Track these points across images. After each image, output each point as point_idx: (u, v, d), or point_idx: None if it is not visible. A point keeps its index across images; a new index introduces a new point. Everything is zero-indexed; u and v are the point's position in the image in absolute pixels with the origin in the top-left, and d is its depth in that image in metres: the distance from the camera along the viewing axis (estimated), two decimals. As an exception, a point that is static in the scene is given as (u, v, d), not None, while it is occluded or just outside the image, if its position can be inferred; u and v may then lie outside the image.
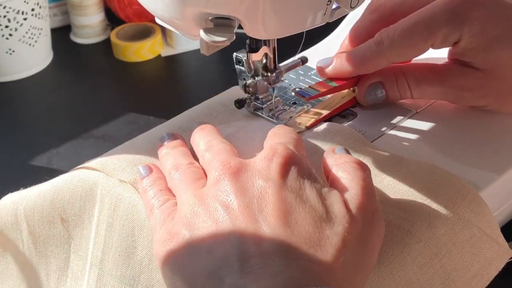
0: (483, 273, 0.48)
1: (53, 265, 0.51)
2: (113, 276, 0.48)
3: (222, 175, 0.44)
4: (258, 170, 0.44)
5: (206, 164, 0.48)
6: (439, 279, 0.46)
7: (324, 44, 0.72)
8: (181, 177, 0.48)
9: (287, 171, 0.44)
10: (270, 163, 0.44)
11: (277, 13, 0.46)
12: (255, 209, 0.42)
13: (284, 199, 0.42)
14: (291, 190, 0.43)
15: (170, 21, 0.49)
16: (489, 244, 0.49)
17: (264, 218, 0.42)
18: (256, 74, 0.57)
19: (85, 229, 0.51)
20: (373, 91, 0.59)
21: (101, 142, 0.77)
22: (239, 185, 0.43)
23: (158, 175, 0.50)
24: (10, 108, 0.86)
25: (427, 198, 0.49)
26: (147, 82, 0.91)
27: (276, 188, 0.43)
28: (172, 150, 0.51)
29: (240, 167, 0.44)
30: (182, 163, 0.49)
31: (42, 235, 0.51)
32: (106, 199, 0.50)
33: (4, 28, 0.88)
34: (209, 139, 0.50)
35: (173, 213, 0.46)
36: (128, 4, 0.97)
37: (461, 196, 0.49)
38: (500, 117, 0.60)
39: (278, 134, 0.49)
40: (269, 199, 0.42)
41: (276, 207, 0.42)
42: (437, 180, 0.51)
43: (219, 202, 0.43)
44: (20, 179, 0.72)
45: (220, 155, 0.47)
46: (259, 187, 0.43)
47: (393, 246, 0.46)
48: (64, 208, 0.51)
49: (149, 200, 0.48)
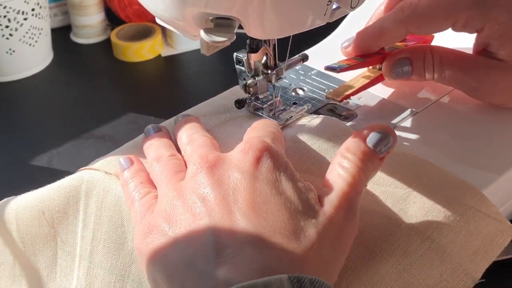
0: (486, 249, 0.48)
1: (41, 263, 0.51)
2: (103, 268, 0.49)
3: (200, 169, 0.45)
4: (235, 163, 0.45)
5: (187, 157, 0.50)
6: (434, 254, 0.47)
7: (324, 44, 0.72)
8: (162, 169, 0.49)
9: (262, 164, 0.45)
10: (246, 156, 0.45)
11: (277, 13, 0.46)
12: (230, 201, 0.43)
13: (259, 190, 0.43)
14: (267, 182, 0.44)
15: (170, 21, 0.49)
16: (486, 221, 0.49)
17: (239, 208, 0.43)
18: (256, 74, 0.57)
19: (70, 225, 0.51)
20: (400, 66, 0.59)
21: (101, 142, 0.77)
22: (215, 178, 0.44)
23: (139, 167, 0.51)
24: (10, 108, 0.86)
25: (408, 187, 0.50)
26: (147, 82, 0.91)
27: (251, 180, 0.44)
28: (155, 141, 0.52)
29: (217, 160, 0.45)
30: (164, 154, 0.50)
31: (29, 233, 0.51)
32: (93, 192, 0.51)
33: (5, 28, 0.88)
34: (191, 132, 0.52)
35: (153, 206, 0.47)
36: (128, 4, 0.97)
37: (446, 181, 0.51)
38: (500, 117, 0.60)
39: (257, 128, 0.50)
40: (244, 191, 0.43)
41: (251, 199, 0.43)
42: (419, 169, 0.51)
43: (196, 194, 0.44)
44: (20, 179, 0.72)
45: (200, 149, 0.49)
46: (235, 179, 0.44)
47: (381, 235, 0.47)
48: (48, 205, 0.51)
49: (130, 193, 0.49)
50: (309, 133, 0.56)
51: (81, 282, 0.49)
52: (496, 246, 0.49)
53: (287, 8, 0.46)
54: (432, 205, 0.49)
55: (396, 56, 0.59)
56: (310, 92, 0.64)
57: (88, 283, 0.49)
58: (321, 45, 0.72)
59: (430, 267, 0.46)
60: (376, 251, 0.46)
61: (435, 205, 0.49)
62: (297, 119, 0.57)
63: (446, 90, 0.62)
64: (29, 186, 0.54)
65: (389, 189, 0.50)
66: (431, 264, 0.46)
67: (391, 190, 0.50)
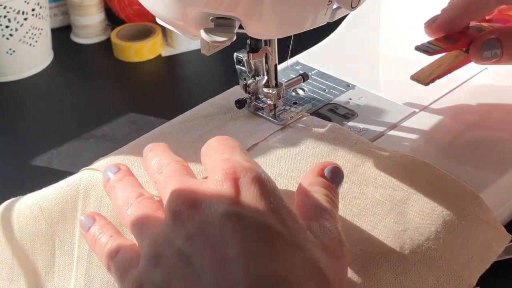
0: (482, 255, 0.49)
1: (39, 262, 0.52)
2: (101, 267, 0.48)
3: (178, 213, 0.40)
4: (214, 199, 0.40)
5: (160, 190, 0.44)
6: (430, 259, 0.46)
7: (324, 44, 0.72)
8: (133, 215, 0.44)
9: (243, 193, 0.40)
10: (222, 187, 0.40)
11: (277, 13, 0.46)
12: (221, 248, 0.38)
13: (249, 231, 0.38)
14: (252, 220, 0.39)
15: (170, 21, 0.49)
16: (483, 227, 0.49)
17: (231, 255, 0.38)
18: (256, 74, 0.57)
19: (68, 224, 0.51)
20: (489, 47, 0.57)
21: (101, 142, 0.77)
22: (198, 220, 0.39)
23: (104, 222, 0.47)
24: (10, 108, 0.86)
25: (408, 190, 0.50)
26: (147, 82, 0.91)
27: (236, 221, 0.39)
28: (118, 183, 0.47)
29: (194, 200, 0.40)
30: (131, 196, 0.45)
31: (28, 232, 0.51)
32: (91, 192, 0.51)
33: (5, 28, 0.88)
34: (159, 159, 0.46)
35: (135, 259, 0.42)
36: (129, 4, 0.97)
37: (445, 184, 0.50)
38: (500, 117, 0.60)
39: (217, 148, 0.44)
40: (231, 235, 0.38)
41: (241, 243, 0.38)
42: (418, 171, 0.51)
43: (179, 252, 0.39)
44: (20, 179, 0.72)
45: (172, 181, 0.43)
46: (219, 221, 0.39)
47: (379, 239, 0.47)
48: (47, 204, 0.51)
49: (102, 249, 0.45)
50: (309, 133, 0.56)
51: (79, 282, 0.49)
52: (492, 253, 0.49)
53: (287, 8, 0.46)
54: (431, 209, 0.49)
55: (484, 37, 0.57)
56: (310, 92, 0.64)
57: (87, 283, 0.49)
58: (321, 45, 0.72)
59: (426, 272, 0.46)
60: (373, 255, 0.46)
61: (433, 209, 0.49)
62: (297, 119, 0.57)
63: (446, 89, 0.62)
64: (29, 186, 0.54)
65: (388, 192, 0.50)
66: (427, 269, 0.46)
67: (390, 193, 0.50)
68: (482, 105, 0.61)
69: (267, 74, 0.56)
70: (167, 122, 0.59)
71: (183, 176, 0.44)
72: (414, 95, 0.62)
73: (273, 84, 0.57)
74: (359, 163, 0.52)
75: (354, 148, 0.54)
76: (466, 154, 0.56)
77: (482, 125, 0.59)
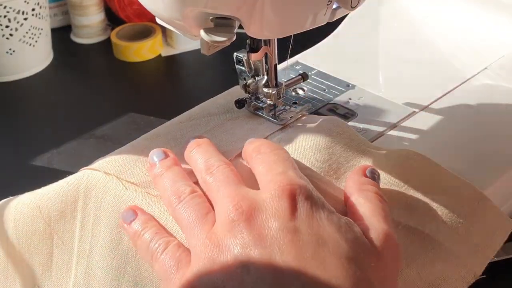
0: (487, 244, 0.49)
1: (36, 260, 0.52)
2: (100, 267, 0.49)
3: (237, 221, 0.42)
4: (272, 212, 0.42)
5: (211, 192, 0.45)
6: (435, 250, 0.47)
7: (324, 44, 0.72)
8: (186, 212, 0.45)
9: (299, 210, 0.42)
10: (280, 202, 0.42)
11: (277, 13, 0.46)
12: (277, 259, 0.40)
13: (305, 245, 0.40)
14: (310, 233, 0.41)
15: (170, 21, 0.49)
16: (486, 215, 0.49)
17: (286, 266, 0.39)
18: (256, 74, 0.57)
19: (67, 224, 0.51)
20: None
21: (101, 142, 0.77)
22: (255, 233, 0.41)
23: (146, 217, 0.47)
24: (10, 108, 0.86)
25: (409, 184, 0.50)
26: (147, 82, 0.91)
27: (293, 236, 0.41)
28: (166, 171, 0.48)
29: (252, 210, 0.42)
30: (184, 191, 0.46)
31: (25, 230, 0.51)
32: (92, 192, 0.51)
33: (5, 28, 0.88)
34: (206, 157, 0.47)
35: (184, 259, 0.43)
36: (128, 4, 0.97)
37: (445, 178, 0.51)
38: (500, 117, 0.60)
39: (270, 159, 0.46)
40: (290, 249, 0.40)
41: (299, 257, 0.40)
42: (419, 166, 0.51)
43: (239, 256, 0.40)
44: (20, 179, 0.72)
45: (226, 188, 0.44)
46: (276, 235, 0.41)
47: None
48: (46, 203, 0.51)
49: (147, 245, 0.45)
50: (309, 133, 0.56)
51: (79, 281, 0.49)
52: (497, 240, 0.49)
53: (287, 8, 0.46)
54: (431, 201, 0.49)
55: None
56: (310, 92, 0.64)
57: (86, 282, 0.49)
58: (321, 45, 0.72)
59: (431, 263, 0.46)
60: None
61: (434, 201, 0.49)
62: (297, 119, 0.57)
63: (446, 89, 0.62)
64: (29, 186, 0.54)
65: (389, 187, 0.50)
66: (433, 260, 0.46)
67: (391, 187, 0.50)
68: (482, 105, 0.61)
69: (267, 74, 0.56)
70: (167, 122, 0.59)
71: (237, 185, 0.45)
72: (414, 95, 0.62)
73: (273, 84, 0.57)
74: (356, 156, 0.52)
75: (351, 144, 0.54)
76: (466, 154, 0.56)
77: (481, 125, 0.59)
